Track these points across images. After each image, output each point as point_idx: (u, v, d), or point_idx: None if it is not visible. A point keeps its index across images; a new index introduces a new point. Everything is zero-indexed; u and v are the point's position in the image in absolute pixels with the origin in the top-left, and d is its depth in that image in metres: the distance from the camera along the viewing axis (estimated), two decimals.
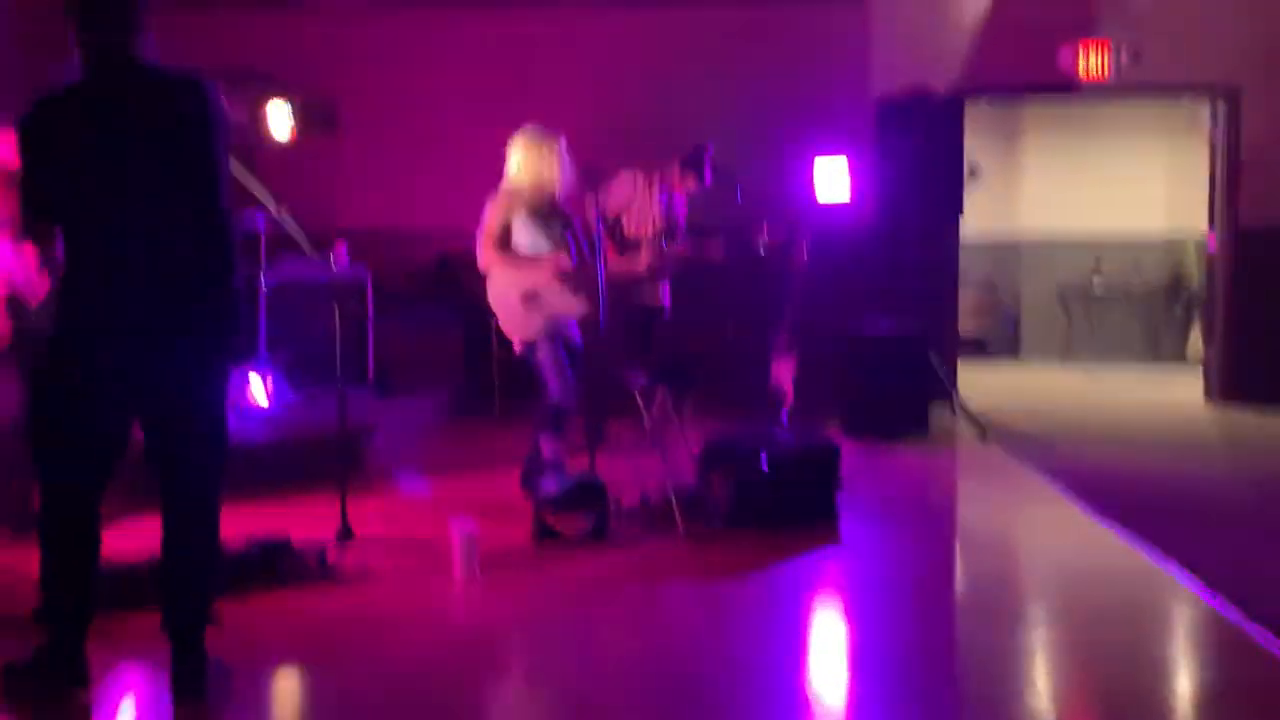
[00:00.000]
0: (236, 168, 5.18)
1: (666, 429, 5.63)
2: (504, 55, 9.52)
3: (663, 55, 9.41)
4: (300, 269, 8.01)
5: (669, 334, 6.91)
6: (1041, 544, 5.58)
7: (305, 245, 5.20)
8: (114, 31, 3.36)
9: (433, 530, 4.97)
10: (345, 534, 4.81)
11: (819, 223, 8.34)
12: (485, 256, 5.64)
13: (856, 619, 4.37)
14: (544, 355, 5.57)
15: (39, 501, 3.46)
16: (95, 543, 3.53)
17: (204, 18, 9.25)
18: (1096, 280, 12.04)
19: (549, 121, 5.85)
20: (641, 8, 9.42)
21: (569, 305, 5.60)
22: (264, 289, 7.79)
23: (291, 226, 5.20)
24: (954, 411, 8.31)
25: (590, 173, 5.68)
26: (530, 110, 7.43)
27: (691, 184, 6.96)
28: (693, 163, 6.95)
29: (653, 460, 5.47)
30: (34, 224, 3.47)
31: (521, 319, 5.60)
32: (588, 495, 5.13)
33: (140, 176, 3.31)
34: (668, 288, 7.05)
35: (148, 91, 3.38)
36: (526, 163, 5.67)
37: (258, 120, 8.68)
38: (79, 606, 3.47)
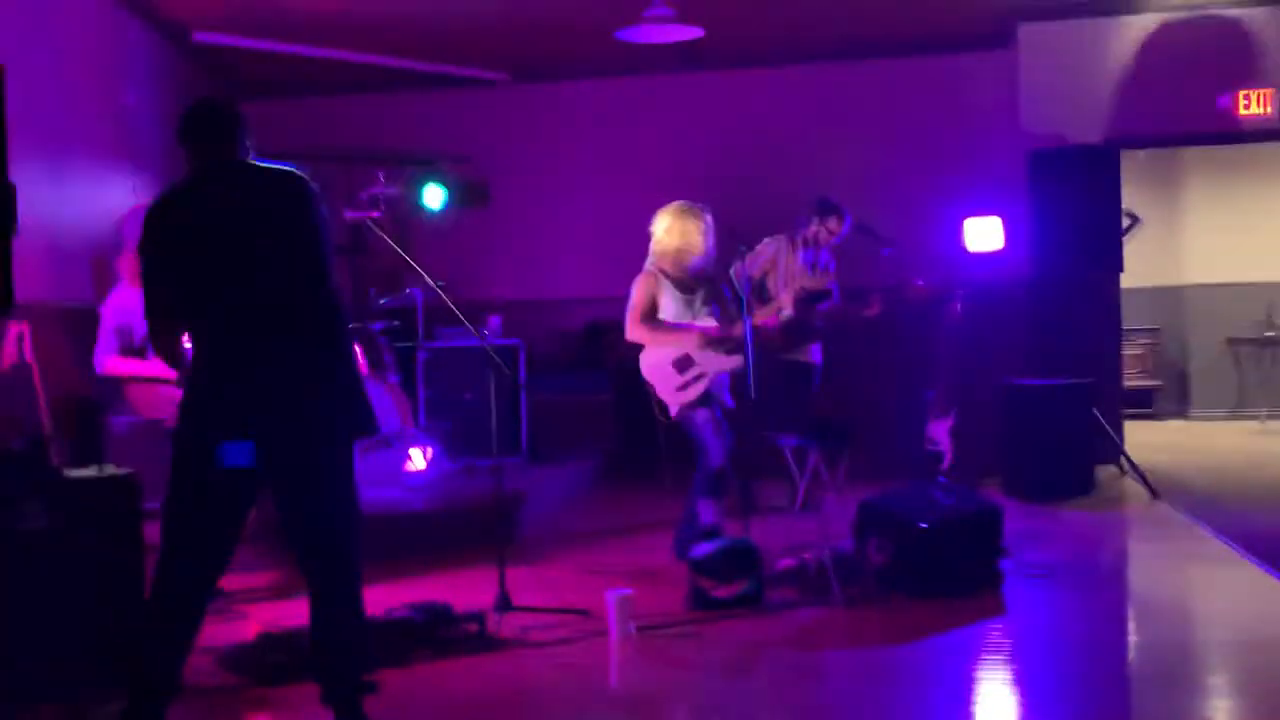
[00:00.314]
0: (395, 244, 5.39)
1: (820, 491, 5.56)
2: (648, 121, 9.68)
3: (808, 113, 9.45)
4: (456, 340, 8.23)
5: (822, 393, 6.85)
6: (1219, 608, 5.29)
7: (460, 317, 5.33)
8: (217, 145, 3.63)
9: (589, 597, 4.99)
10: (504, 602, 4.86)
11: (973, 276, 8.19)
12: (633, 331, 5.76)
13: (1024, 690, 4.19)
14: (701, 420, 5.62)
15: (157, 573, 3.57)
16: (200, 622, 3.62)
17: (360, 101, 9.67)
18: (1268, 329, 11.51)
19: (695, 185, 5.93)
20: (784, 67, 9.48)
21: (720, 367, 5.66)
22: (421, 360, 8.01)
23: (447, 299, 5.34)
24: (1121, 469, 8.01)
25: (736, 234, 5.71)
26: (676, 175, 7.56)
27: (834, 225, 6.92)
28: (826, 207, 6.93)
29: (807, 523, 5.40)
30: (159, 328, 3.57)
31: (677, 386, 5.67)
32: (742, 560, 5.09)
33: (250, 261, 3.47)
34: (819, 346, 7.01)
35: (248, 184, 3.58)
36: (673, 235, 5.76)
37: (414, 197, 9.00)
38: (169, 680, 3.55)
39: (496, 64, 9.46)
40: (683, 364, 5.69)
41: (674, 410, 5.69)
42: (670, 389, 5.70)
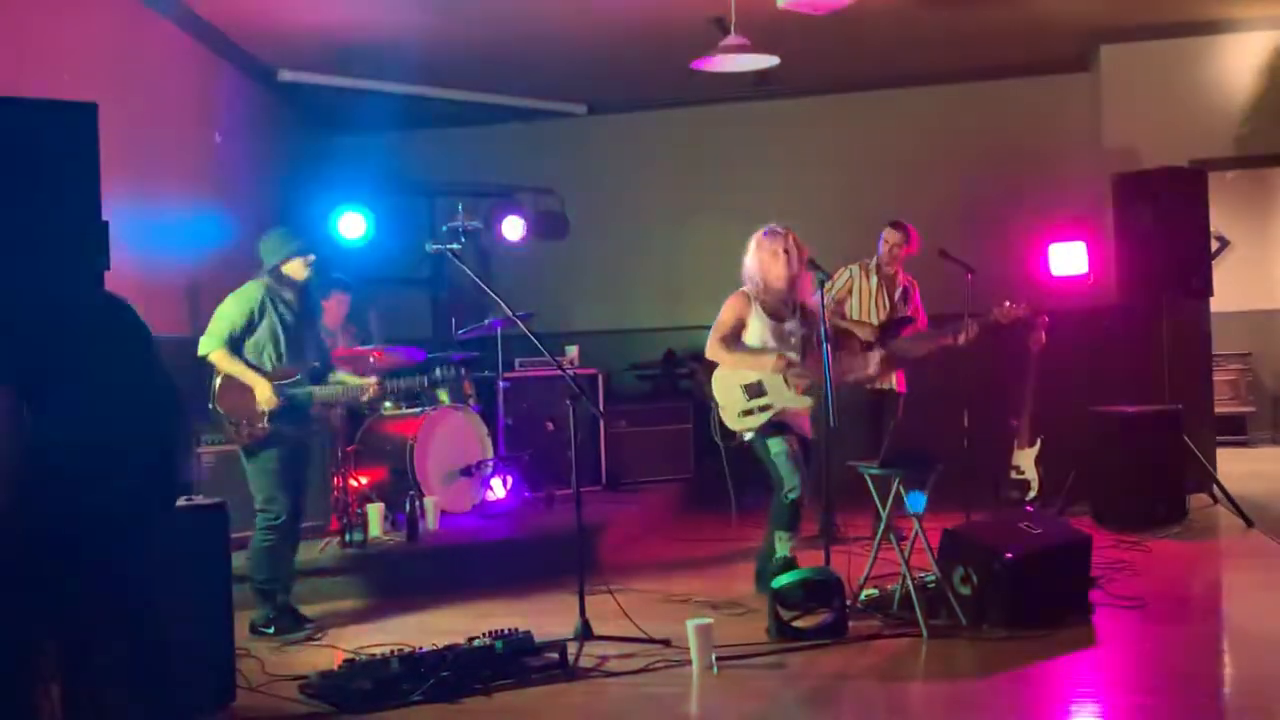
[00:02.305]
0: (475, 276, 5.45)
1: (903, 520, 5.48)
2: (724, 151, 9.69)
3: (888, 139, 9.40)
4: (536, 370, 8.30)
5: (905, 420, 6.77)
6: None
7: (540, 346, 5.37)
8: None
9: (669, 626, 4.97)
10: (585, 631, 4.86)
11: (1059, 301, 8.08)
12: (712, 349, 5.75)
13: None
14: (776, 450, 5.59)
15: None
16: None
17: (440, 135, 9.82)
18: None
19: (772, 215, 5.91)
20: (863, 93, 9.44)
21: (791, 405, 5.62)
22: (501, 390, 8.08)
23: (526, 329, 5.39)
24: (1213, 497, 7.80)
25: (815, 264, 5.69)
26: (753, 204, 7.55)
27: (890, 236, 7.06)
28: (894, 224, 7.09)
29: (890, 553, 5.33)
30: None
31: (741, 411, 5.65)
32: (823, 590, 5.04)
33: None
34: (903, 374, 6.96)
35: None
36: (754, 262, 5.74)
37: (495, 230, 9.11)
38: None
39: (574, 96, 9.55)
40: (753, 390, 5.66)
41: (735, 435, 5.68)
42: (734, 412, 5.69)
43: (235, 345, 5.35)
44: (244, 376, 5.33)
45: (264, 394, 5.31)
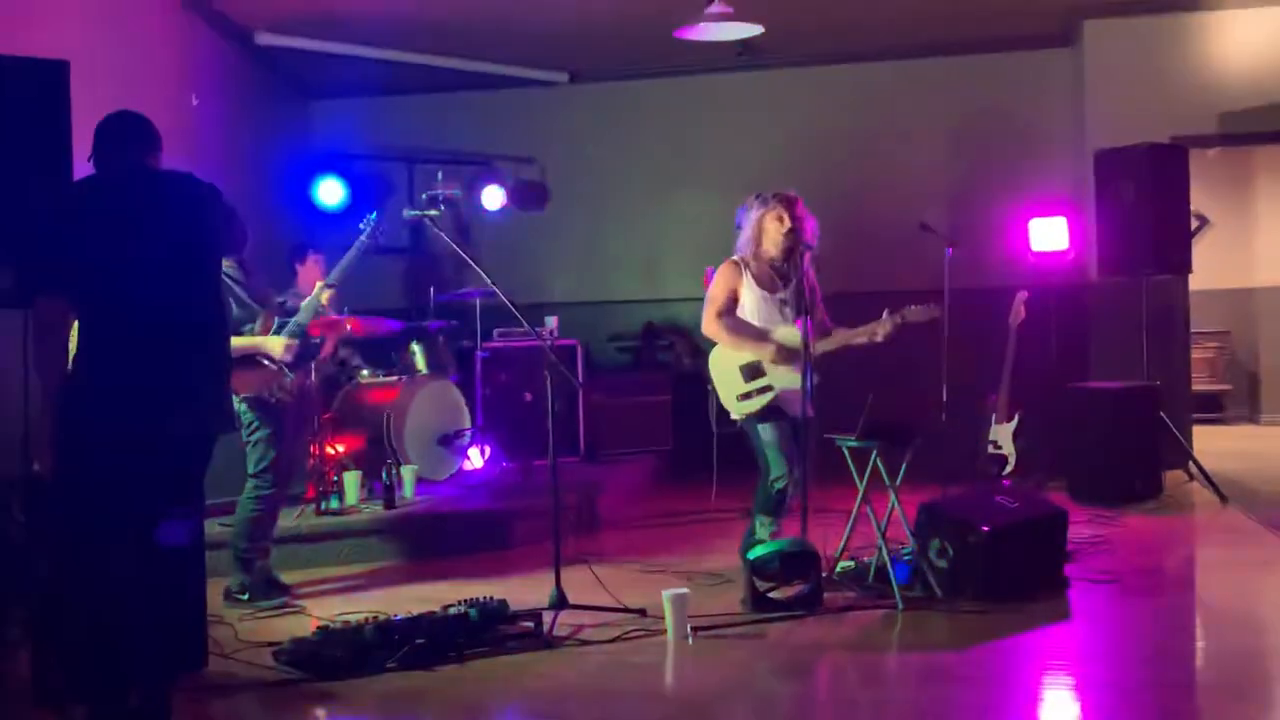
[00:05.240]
0: (454, 244, 5.40)
1: (880, 493, 5.46)
2: (707, 122, 9.63)
3: (869, 112, 9.35)
4: (514, 340, 8.26)
5: (881, 394, 6.75)
6: None
7: (519, 317, 5.33)
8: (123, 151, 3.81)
9: (645, 596, 4.96)
10: (560, 601, 4.85)
11: (1038, 277, 8.08)
12: (708, 326, 5.50)
13: (1087, 697, 4.10)
14: (766, 437, 5.39)
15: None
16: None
17: (420, 102, 9.73)
18: None
19: (753, 186, 5.75)
20: (844, 65, 9.39)
21: (791, 387, 5.31)
22: (480, 360, 8.04)
23: (506, 299, 5.34)
24: (1189, 474, 7.84)
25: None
26: (734, 176, 7.52)
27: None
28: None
29: (866, 526, 5.33)
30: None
31: (740, 395, 5.44)
32: (799, 562, 5.03)
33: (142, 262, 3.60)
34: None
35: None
36: (750, 227, 5.51)
37: (474, 199, 9.05)
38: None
39: (555, 65, 9.47)
40: (751, 371, 5.41)
41: (734, 417, 5.51)
42: (732, 395, 5.46)
43: None
44: (250, 345, 5.22)
45: (276, 345, 5.27)
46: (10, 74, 3.82)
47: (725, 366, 5.51)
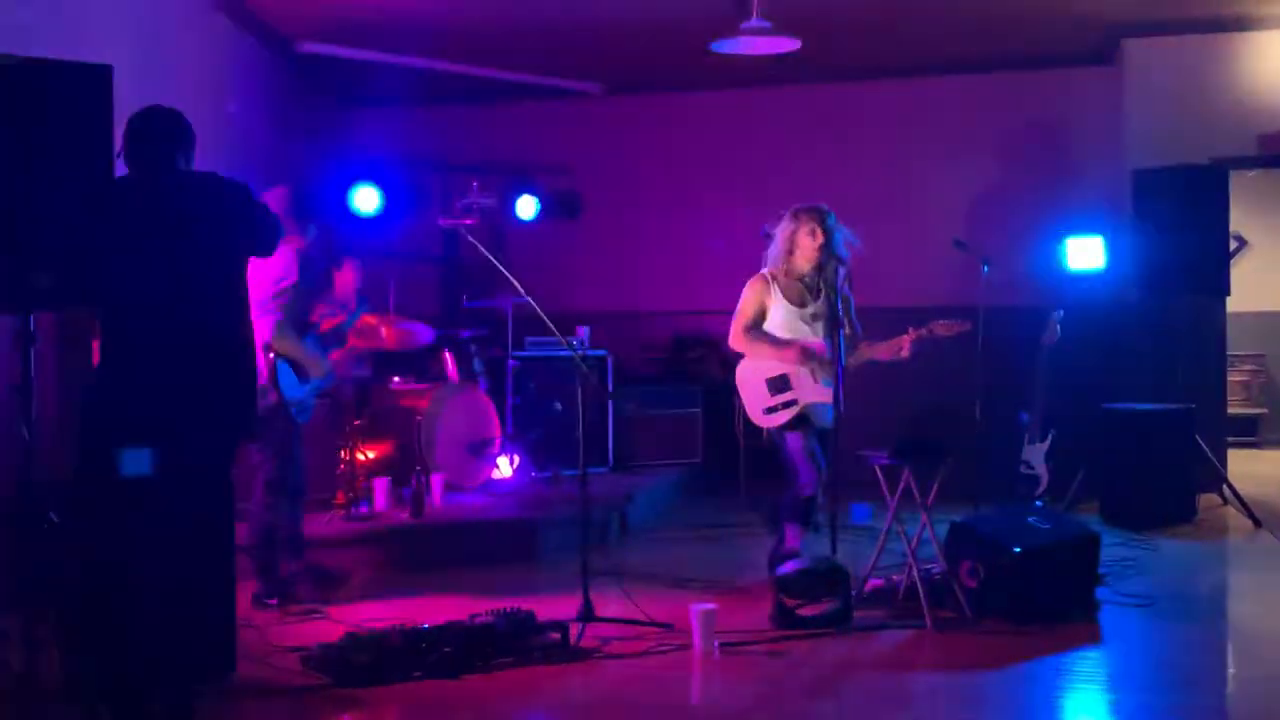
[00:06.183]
0: (487, 253, 5.41)
1: (912, 511, 5.43)
2: (742, 135, 9.63)
3: (906, 128, 9.32)
4: (545, 349, 8.27)
5: (914, 411, 6.73)
6: None
7: (550, 326, 5.33)
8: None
9: (672, 610, 4.94)
10: (587, 613, 4.84)
11: (1074, 296, 8.01)
12: (735, 339, 5.56)
13: None
14: (794, 445, 5.43)
15: None
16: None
17: (456, 112, 9.77)
18: None
19: (787, 201, 5.74)
20: (882, 81, 9.36)
21: (816, 399, 5.41)
22: (510, 369, 8.05)
23: (538, 308, 5.35)
24: (1223, 498, 7.75)
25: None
26: (768, 190, 7.49)
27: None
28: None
29: (897, 544, 5.30)
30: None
31: (765, 407, 5.48)
32: (829, 579, 5.00)
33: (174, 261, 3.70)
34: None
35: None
36: (783, 240, 5.53)
37: (508, 209, 9.06)
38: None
39: (591, 76, 9.49)
40: (777, 384, 5.46)
41: (761, 427, 5.54)
42: (758, 408, 5.51)
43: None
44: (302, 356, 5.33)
45: (320, 364, 5.40)
46: (56, 79, 3.85)
47: (752, 380, 5.54)
